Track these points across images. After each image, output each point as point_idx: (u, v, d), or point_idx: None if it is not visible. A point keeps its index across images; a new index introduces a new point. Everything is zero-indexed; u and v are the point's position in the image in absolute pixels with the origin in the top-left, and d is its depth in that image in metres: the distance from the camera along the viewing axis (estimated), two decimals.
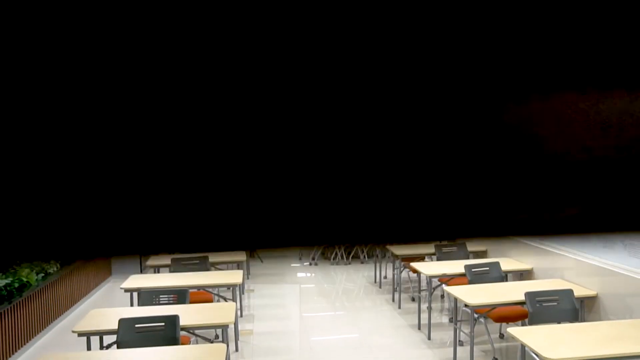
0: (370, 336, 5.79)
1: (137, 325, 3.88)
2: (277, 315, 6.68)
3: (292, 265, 9.66)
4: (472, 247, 6.82)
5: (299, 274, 8.91)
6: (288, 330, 6.05)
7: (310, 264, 9.63)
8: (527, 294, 4.29)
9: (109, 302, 7.46)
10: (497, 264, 5.48)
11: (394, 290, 7.32)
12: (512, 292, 4.73)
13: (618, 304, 4.38)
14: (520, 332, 3.66)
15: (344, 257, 9.86)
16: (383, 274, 8.52)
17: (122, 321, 3.88)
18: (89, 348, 4.07)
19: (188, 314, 4.18)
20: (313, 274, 8.85)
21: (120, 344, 3.83)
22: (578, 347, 3.40)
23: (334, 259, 9.83)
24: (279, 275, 8.86)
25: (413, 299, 7.20)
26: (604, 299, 4.54)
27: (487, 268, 5.44)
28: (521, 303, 4.49)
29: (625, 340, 3.51)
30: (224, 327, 4.15)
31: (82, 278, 7.43)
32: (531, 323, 4.20)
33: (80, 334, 3.97)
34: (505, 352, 5.29)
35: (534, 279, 5.57)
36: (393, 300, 7.16)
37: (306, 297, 7.42)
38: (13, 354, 5.33)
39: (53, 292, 6.39)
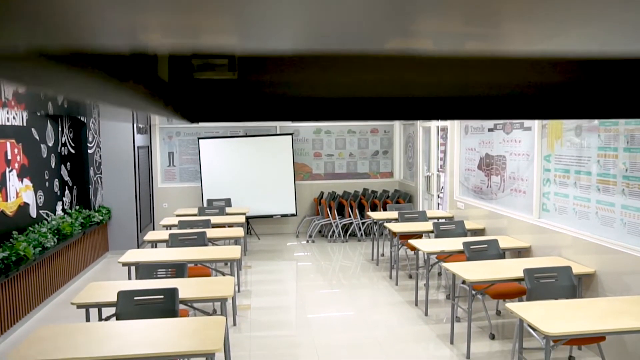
0: (367, 312, 5.81)
1: (136, 298, 3.88)
2: (275, 291, 6.70)
3: (289, 242, 9.67)
4: (470, 225, 6.83)
5: (296, 252, 8.92)
6: (285, 306, 6.07)
7: (308, 242, 9.64)
8: (526, 271, 4.30)
9: (107, 277, 7.47)
10: (495, 241, 5.49)
11: (391, 267, 7.34)
12: (510, 269, 4.75)
13: (616, 281, 4.39)
14: (519, 307, 3.67)
15: (341, 235, 9.88)
16: (380, 251, 8.54)
17: (120, 293, 3.87)
18: (87, 320, 4.07)
19: (187, 288, 4.18)
20: (310, 252, 8.86)
21: (119, 316, 3.83)
22: (576, 322, 3.42)
23: (331, 236, 9.84)
24: (276, 252, 8.87)
25: (410, 276, 7.23)
26: (602, 276, 4.56)
27: (486, 245, 5.45)
28: (519, 280, 4.51)
29: (622, 316, 3.53)
30: (223, 301, 4.15)
31: (79, 253, 7.43)
32: (529, 299, 4.22)
33: (79, 306, 3.96)
34: (501, 328, 5.32)
35: (532, 256, 5.59)
36: (390, 277, 7.19)
37: (303, 275, 7.44)
38: (11, 326, 5.34)
39: (50, 266, 6.38)
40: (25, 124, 6.17)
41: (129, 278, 5.54)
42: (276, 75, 0.83)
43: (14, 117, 5.86)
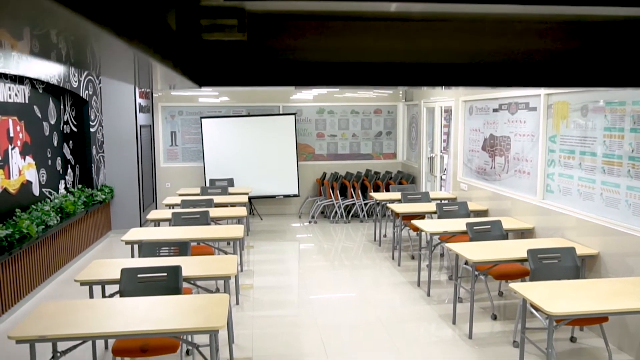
0: (370, 292, 5.83)
1: (139, 275, 3.88)
2: (277, 271, 6.72)
3: (292, 223, 9.68)
4: (473, 206, 6.81)
5: (299, 232, 8.93)
6: (288, 286, 6.08)
7: (310, 223, 9.65)
8: (529, 251, 4.29)
9: (110, 256, 7.49)
10: (499, 222, 5.48)
11: (394, 248, 7.35)
12: (513, 249, 4.74)
13: (619, 262, 4.39)
14: (522, 287, 3.67)
15: (344, 215, 9.88)
16: (383, 232, 8.55)
17: (124, 271, 3.87)
18: (91, 297, 4.08)
19: (190, 266, 4.19)
20: (312, 232, 8.87)
21: (122, 293, 3.84)
22: (579, 302, 3.42)
23: (333, 217, 9.85)
24: (279, 233, 8.88)
25: (413, 257, 7.23)
26: (605, 257, 4.55)
27: (489, 226, 5.44)
28: (522, 260, 4.50)
29: (625, 296, 3.52)
30: (226, 279, 4.15)
31: (82, 231, 7.44)
32: (532, 280, 4.21)
33: (83, 283, 3.97)
34: (503, 309, 5.34)
35: (535, 237, 5.58)
36: (393, 258, 7.19)
37: (305, 255, 7.45)
38: (15, 303, 5.36)
39: (53, 244, 6.39)
40: (27, 101, 6.13)
41: (132, 256, 5.55)
42: (287, 39, 0.80)
43: (15, 94, 5.82)
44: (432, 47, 0.97)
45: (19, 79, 5.92)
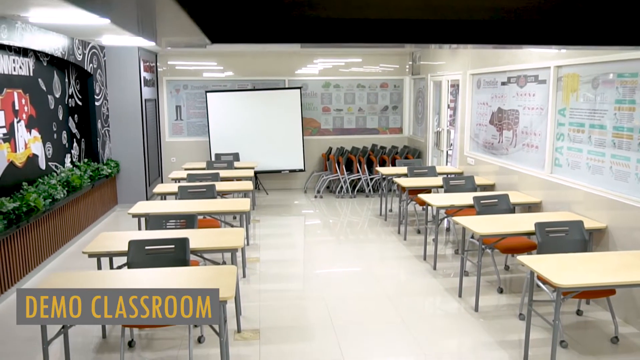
0: (376, 266, 5.84)
1: (147, 247, 3.89)
2: (283, 244, 6.74)
3: (298, 197, 9.68)
4: (480, 180, 6.78)
5: (304, 207, 8.94)
6: (294, 260, 6.10)
7: (316, 197, 9.65)
8: (537, 225, 4.27)
9: (117, 229, 7.52)
10: (506, 196, 5.45)
11: (400, 222, 7.35)
12: (520, 223, 4.72)
13: (627, 236, 4.37)
14: (530, 260, 3.66)
15: (349, 190, 9.87)
16: (389, 207, 8.55)
17: (132, 243, 3.88)
18: (99, 269, 4.10)
19: (197, 238, 4.19)
20: (318, 207, 8.87)
21: (130, 265, 3.85)
22: (587, 274, 3.41)
23: (339, 192, 9.84)
24: (284, 207, 8.89)
25: (419, 232, 7.23)
26: (613, 231, 4.53)
27: (496, 200, 5.42)
28: (529, 234, 4.49)
29: (633, 269, 3.51)
30: (233, 252, 4.16)
31: (89, 205, 7.46)
32: (539, 253, 4.21)
33: (91, 255, 3.99)
34: (509, 283, 5.34)
35: (542, 211, 5.56)
36: (398, 232, 7.20)
37: (311, 230, 7.46)
38: (24, 276, 5.41)
39: (60, 218, 6.42)
40: (32, 74, 6.10)
41: (139, 229, 5.56)
42: None
43: (20, 67, 5.78)
44: (447, 3, 0.94)
45: (23, 52, 5.87)
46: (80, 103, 7.80)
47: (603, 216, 4.66)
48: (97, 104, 8.07)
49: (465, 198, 5.67)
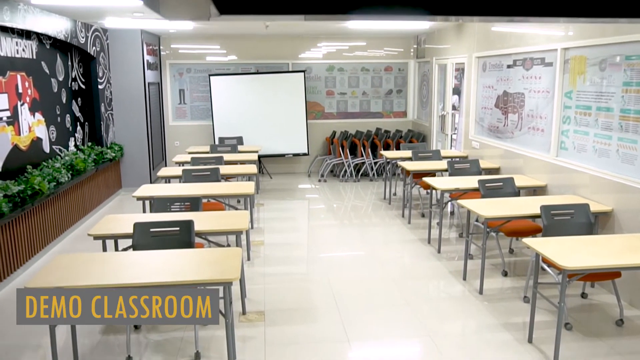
0: (380, 249, 5.85)
1: (152, 230, 3.89)
2: (287, 228, 6.74)
3: (301, 181, 9.67)
4: (484, 164, 6.76)
5: (308, 191, 8.93)
6: (298, 243, 6.11)
7: (319, 181, 9.64)
8: (542, 207, 4.26)
9: (121, 212, 7.54)
10: (511, 179, 5.43)
11: (404, 206, 7.34)
12: (525, 206, 4.71)
13: (633, 219, 4.35)
14: (536, 242, 3.65)
15: (353, 174, 9.86)
16: (393, 191, 8.53)
17: (137, 225, 3.88)
18: (104, 252, 4.11)
19: (202, 220, 4.19)
20: (322, 191, 8.87)
21: (135, 247, 3.86)
22: (593, 257, 3.40)
23: (342, 176, 9.83)
24: (288, 191, 8.89)
25: (423, 215, 7.23)
26: (619, 214, 4.51)
27: (501, 183, 5.40)
28: (535, 217, 4.47)
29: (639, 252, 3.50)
30: (238, 234, 4.16)
31: (93, 189, 7.47)
32: (544, 236, 4.20)
33: (96, 237, 3.99)
34: (514, 266, 5.34)
35: (547, 195, 5.54)
36: (403, 216, 7.19)
37: (315, 214, 7.46)
38: (29, 259, 5.43)
39: (65, 201, 6.43)
40: (34, 57, 6.07)
41: (144, 212, 5.57)
42: None
43: (23, 50, 5.76)
44: None
45: (25, 34, 5.83)
46: (83, 86, 7.77)
47: (609, 199, 4.64)
48: (100, 87, 8.04)
49: (470, 181, 5.65)
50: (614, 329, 3.94)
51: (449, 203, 7.30)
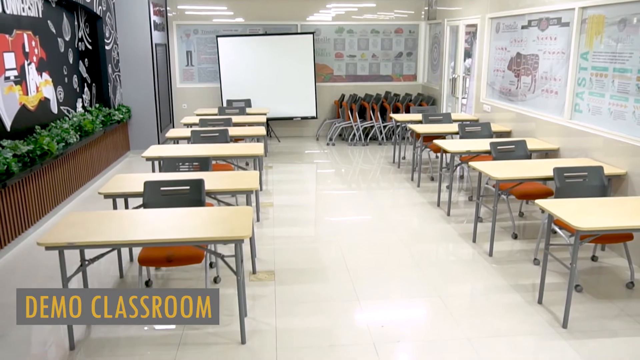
0: (389, 212, 5.83)
1: (162, 188, 3.88)
2: (296, 190, 6.73)
3: (310, 145, 9.62)
4: (496, 127, 6.68)
5: (316, 154, 8.89)
6: (306, 205, 6.11)
7: (328, 145, 9.59)
8: (555, 169, 4.20)
9: (130, 173, 7.54)
10: (523, 142, 5.36)
11: (413, 170, 7.30)
12: (538, 168, 4.66)
13: None
14: (548, 204, 3.62)
15: (362, 138, 9.79)
16: (402, 155, 8.48)
17: (147, 184, 3.87)
18: (115, 209, 4.11)
19: (211, 180, 4.18)
20: (330, 155, 8.83)
21: (146, 206, 3.86)
22: (606, 218, 3.36)
23: (351, 140, 9.76)
24: (297, 155, 8.86)
25: (432, 179, 7.19)
26: (633, 177, 4.46)
27: (513, 146, 5.34)
28: (547, 179, 4.43)
29: None
30: (248, 194, 4.15)
31: (101, 150, 7.46)
32: (557, 198, 4.15)
33: (107, 196, 3.99)
34: (524, 229, 5.32)
35: (560, 158, 5.48)
36: (412, 179, 7.16)
37: (323, 177, 7.44)
38: (40, 218, 5.46)
39: (74, 162, 6.43)
40: (40, 15, 5.98)
41: (153, 172, 5.56)
42: None
43: (29, 8, 5.67)
44: None
45: None
46: (90, 47, 7.68)
47: (623, 162, 4.58)
48: (107, 47, 7.95)
49: (482, 144, 5.59)
50: (624, 292, 3.94)
51: (459, 167, 7.25)
